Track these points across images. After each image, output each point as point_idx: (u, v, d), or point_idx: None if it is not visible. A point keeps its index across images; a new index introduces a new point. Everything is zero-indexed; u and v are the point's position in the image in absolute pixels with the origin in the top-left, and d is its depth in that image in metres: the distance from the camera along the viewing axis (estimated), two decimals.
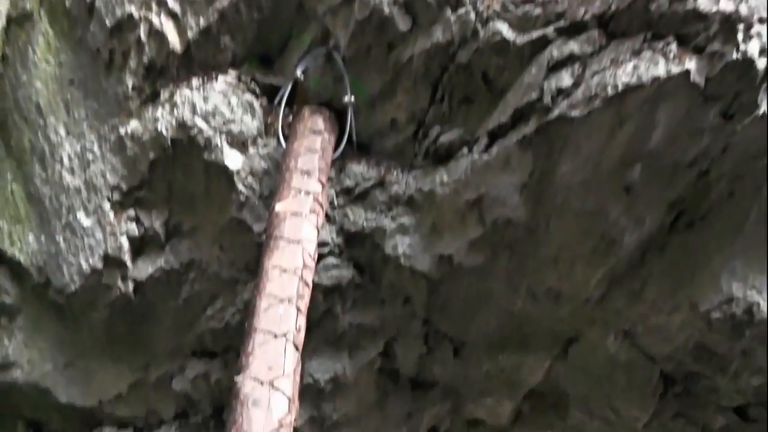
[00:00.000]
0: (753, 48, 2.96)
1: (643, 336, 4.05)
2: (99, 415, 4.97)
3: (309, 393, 4.40)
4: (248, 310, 2.97)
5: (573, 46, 3.29)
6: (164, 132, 3.86)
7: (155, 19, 3.84)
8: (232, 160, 3.88)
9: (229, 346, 4.39)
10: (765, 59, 2.97)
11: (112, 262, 4.11)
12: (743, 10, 2.97)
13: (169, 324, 4.44)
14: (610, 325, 4.08)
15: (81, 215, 4.06)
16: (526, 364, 4.35)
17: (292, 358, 2.53)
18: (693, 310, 3.78)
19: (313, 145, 3.59)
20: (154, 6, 3.84)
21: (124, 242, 4.09)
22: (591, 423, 4.64)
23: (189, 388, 4.67)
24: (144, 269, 4.20)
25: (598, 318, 4.05)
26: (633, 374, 4.19)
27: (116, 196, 4.06)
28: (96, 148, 4.05)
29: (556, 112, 3.28)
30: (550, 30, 3.38)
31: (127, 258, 4.11)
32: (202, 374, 4.60)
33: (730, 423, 4.47)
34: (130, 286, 4.21)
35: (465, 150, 3.73)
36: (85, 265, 4.09)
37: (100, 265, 4.10)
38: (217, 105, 3.87)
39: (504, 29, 3.48)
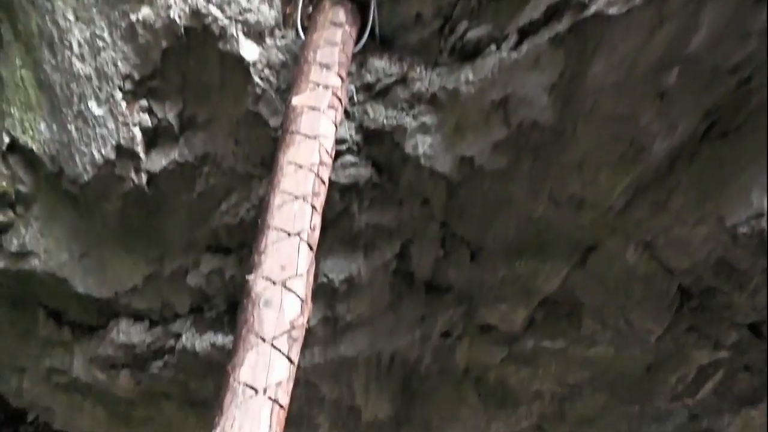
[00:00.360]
0: None
1: (664, 248, 3.97)
2: (115, 307, 5.03)
3: (323, 293, 4.40)
4: (261, 207, 2.91)
5: None
6: (177, 20, 3.68)
7: None
8: (248, 51, 3.72)
9: (244, 243, 4.36)
10: None
11: (125, 153, 4.03)
12: None
13: (184, 218, 4.40)
14: (631, 235, 3.99)
15: (92, 104, 3.94)
16: (543, 272, 4.30)
17: (306, 258, 2.46)
18: (719, 223, 3.67)
19: (334, 37, 3.40)
20: None
21: (137, 133, 3.99)
22: (604, 333, 4.63)
23: (203, 283, 4.69)
24: (157, 161, 4.13)
25: (619, 227, 3.96)
26: (650, 287, 4.13)
27: (128, 86, 3.92)
28: (106, 35, 3.88)
29: (592, 9, 3.08)
30: None
31: (140, 149, 4.03)
32: (216, 270, 4.60)
33: (742, 339, 4.45)
34: (144, 178, 4.14)
35: (493, 47, 3.53)
36: (97, 156, 4.01)
37: (112, 155, 4.02)
38: None
39: None
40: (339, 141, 3.62)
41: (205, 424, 2.20)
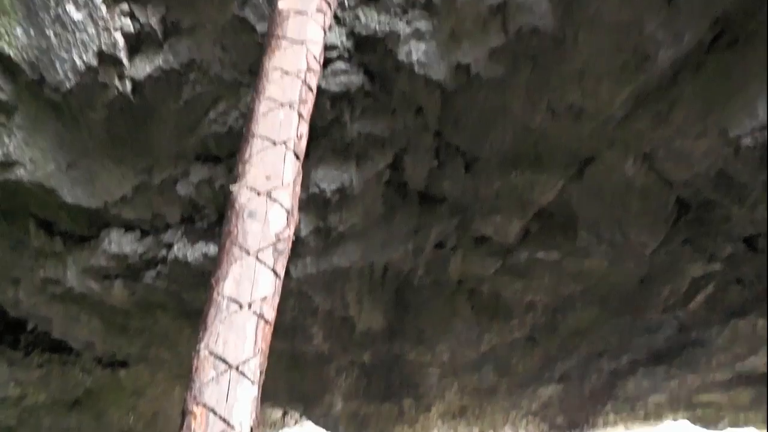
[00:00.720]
0: None
1: (663, 160, 3.88)
2: (106, 217, 4.96)
3: (314, 203, 4.33)
4: (246, 115, 2.78)
5: None
6: None
7: None
8: None
9: (233, 152, 4.24)
10: None
11: (108, 59, 3.85)
12: None
13: (171, 127, 4.27)
14: (631, 147, 3.89)
15: (71, 8, 3.73)
16: (539, 184, 4.23)
17: (292, 168, 2.35)
18: (722, 135, 3.58)
19: None
20: None
21: (119, 38, 3.80)
22: (598, 246, 4.61)
23: (193, 192, 4.60)
24: (142, 68, 3.95)
25: (618, 139, 3.86)
26: (647, 200, 4.07)
27: None
28: None
29: None
30: None
31: (122, 55, 3.85)
32: (206, 179, 4.51)
33: (737, 252, 4.43)
34: (128, 85, 3.98)
35: None
36: (78, 62, 3.84)
37: (94, 62, 3.84)
38: None
39: None
40: (329, 47, 3.46)
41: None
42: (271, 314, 2.06)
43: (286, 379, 7.69)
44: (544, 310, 5.74)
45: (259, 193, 2.23)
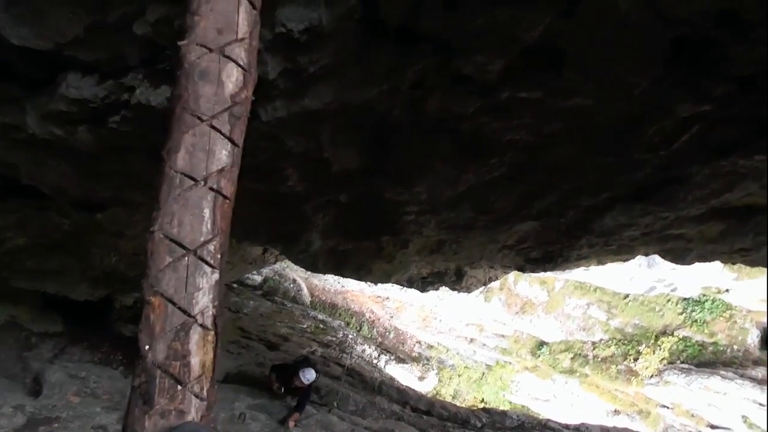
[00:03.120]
0: None
1: None
2: (60, 59, 4.61)
3: (282, 44, 3.99)
4: None
5: None
6: None
7: None
8: None
9: None
10: None
11: None
12: None
13: None
14: None
15: None
16: (525, 20, 3.90)
17: (248, 18, 2.03)
18: None
19: None
20: None
21: None
22: (585, 85, 4.37)
23: (151, 32, 4.23)
24: None
25: None
26: (642, 37, 3.78)
27: None
28: None
29: None
30: None
31: None
32: (163, 18, 4.11)
33: (729, 91, 4.23)
34: None
35: None
36: None
37: None
38: None
39: None
40: None
41: None
42: (229, 189, 1.85)
43: (264, 218, 7.66)
44: (524, 149, 5.59)
45: (210, 50, 1.94)
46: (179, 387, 1.66)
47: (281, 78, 4.29)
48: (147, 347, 1.66)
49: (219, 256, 1.78)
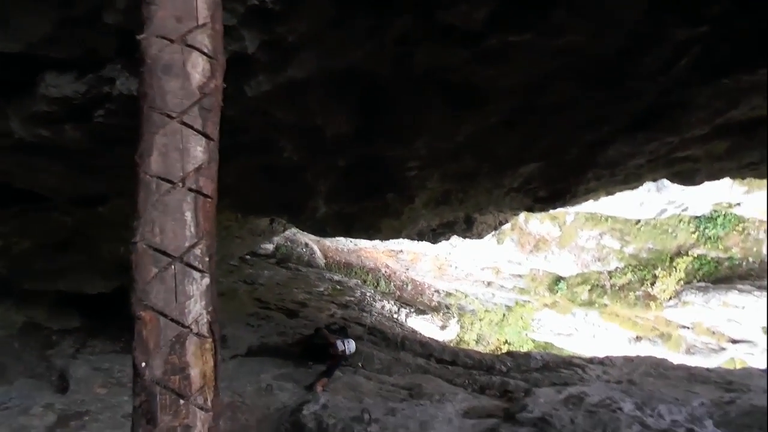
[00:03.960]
0: None
1: None
2: (35, 60, 4.49)
3: (257, 16, 3.84)
4: None
5: None
6: None
7: None
8: None
9: None
10: None
11: None
12: None
13: None
14: None
15: None
16: None
17: (208, 1, 1.92)
18: None
19: None
20: None
21: None
22: (576, 22, 4.20)
23: (122, 20, 4.09)
24: None
25: None
26: None
27: None
28: None
29: None
30: None
31: None
32: (134, 4, 3.95)
33: (725, 10, 4.06)
34: None
35: None
36: None
37: None
38: None
39: None
40: None
41: None
42: (209, 187, 1.75)
43: (266, 190, 7.58)
44: (519, 92, 5.45)
45: (171, 41, 1.82)
46: (182, 401, 1.59)
47: (261, 51, 4.15)
48: (143, 364, 1.59)
49: (207, 259, 1.69)
